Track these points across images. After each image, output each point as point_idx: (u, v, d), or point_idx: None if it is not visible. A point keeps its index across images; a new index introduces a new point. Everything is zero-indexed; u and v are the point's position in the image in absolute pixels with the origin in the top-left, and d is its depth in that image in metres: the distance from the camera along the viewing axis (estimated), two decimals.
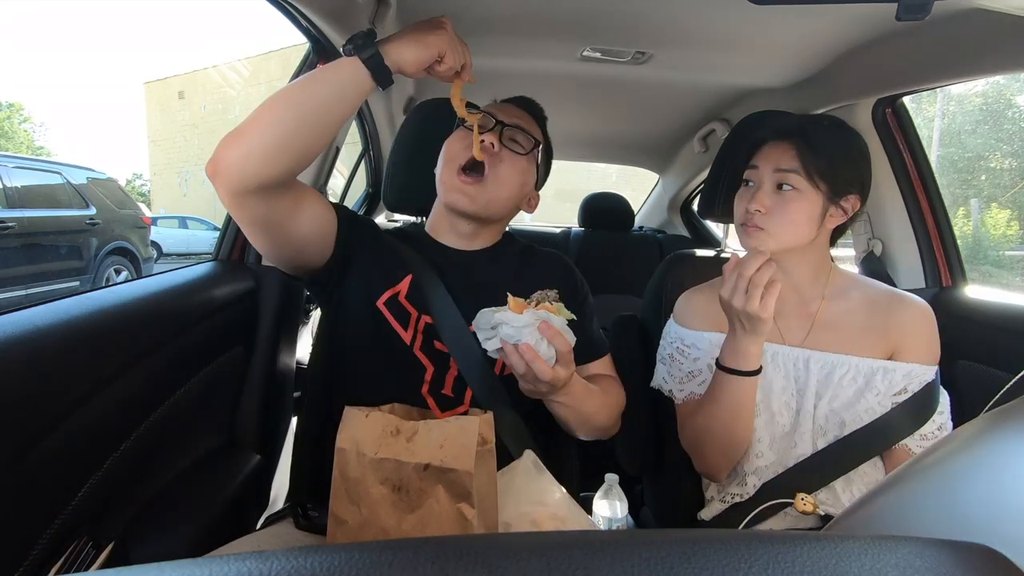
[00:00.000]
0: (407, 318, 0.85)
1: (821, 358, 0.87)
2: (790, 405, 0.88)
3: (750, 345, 0.79)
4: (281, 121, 0.70)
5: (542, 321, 0.70)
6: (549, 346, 0.70)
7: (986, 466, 0.32)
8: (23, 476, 0.60)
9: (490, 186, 0.87)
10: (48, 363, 0.63)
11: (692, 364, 0.94)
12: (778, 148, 0.85)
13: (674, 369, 0.97)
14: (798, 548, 0.25)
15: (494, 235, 0.97)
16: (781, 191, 0.83)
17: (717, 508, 0.93)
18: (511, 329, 0.69)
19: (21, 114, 22.19)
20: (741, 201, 0.88)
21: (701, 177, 2.26)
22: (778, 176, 0.84)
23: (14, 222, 4.39)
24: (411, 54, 0.71)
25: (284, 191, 0.75)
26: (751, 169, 0.87)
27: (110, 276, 5.36)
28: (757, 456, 0.88)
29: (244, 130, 0.70)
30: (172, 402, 0.85)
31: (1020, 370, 0.73)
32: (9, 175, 4.48)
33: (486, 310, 0.72)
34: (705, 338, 0.94)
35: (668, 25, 1.17)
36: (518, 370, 0.70)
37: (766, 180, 0.85)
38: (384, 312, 0.85)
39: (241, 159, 0.69)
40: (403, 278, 0.87)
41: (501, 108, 0.93)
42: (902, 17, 0.51)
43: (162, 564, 0.24)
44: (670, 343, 0.98)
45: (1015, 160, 12.56)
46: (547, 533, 0.40)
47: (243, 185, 0.71)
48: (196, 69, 20.58)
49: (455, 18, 0.80)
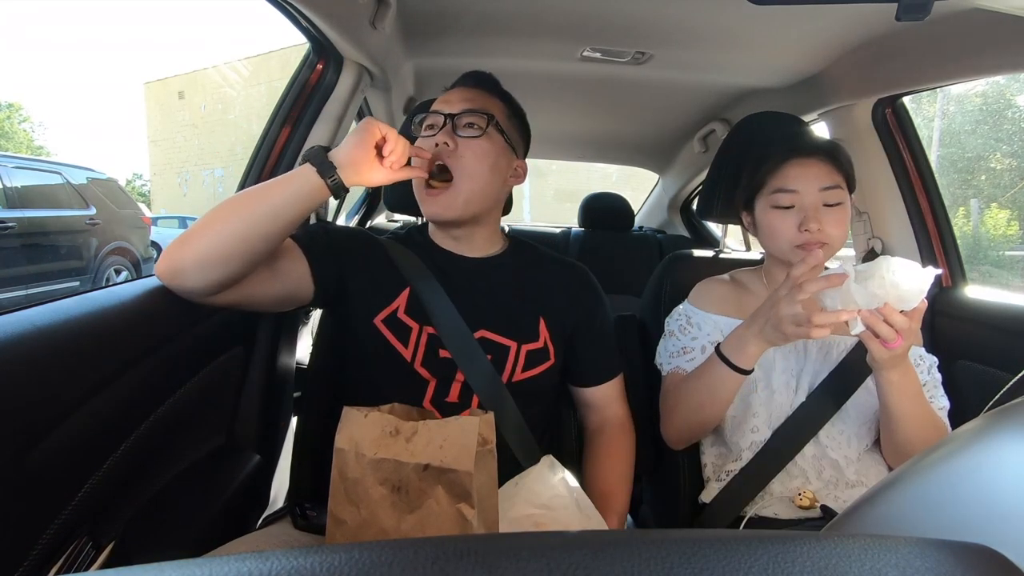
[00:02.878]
0: (407, 333, 0.83)
1: (821, 341, 0.91)
2: (789, 384, 0.91)
3: (756, 346, 0.81)
4: (227, 228, 0.70)
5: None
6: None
7: (986, 466, 0.32)
8: (23, 476, 0.60)
9: (462, 185, 0.84)
10: (48, 363, 0.63)
11: (688, 341, 0.96)
12: (811, 166, 0.88)
13: (669, 344, 0.99)
14: (798, 548, 0.25)
15: (492, 233, 0.94)
16: (831, 207, 0.87)
17: (715, 488, 0.95)
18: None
19: (20, 114, 22.20)
20: (787, 225, 0.88)
21: (701, 177, 2.26)
22: (824, 195, 0.87)
23: (14, 222, 4.39)
24: (360, 181, 0.75)
25: (249, 276, 0.75)
26: (789, 193, 0.88)
27: (110, 276, 5.36)
28: (753, 431, 0.90)
29: (189, 237, 0.71)
30: (172, 402, 0.85)
31: (1020, 370, 0.74)
32: (9, 175, 4.48)
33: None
34: (711, 319, 0.96)
35: (668, 25, 1.17)
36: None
37: (811, 199, 0.87)
38: (382, 330, 0.83)
39: (190, 266, 0.70)
40: (400, 292, 0.85)
41: (447, 97, 0.90)
42: (902, 17, 0.51)
43: (162, 564, 0.24)
44: (675, 320, 1.00)
45: (1015, 160, 12.56)
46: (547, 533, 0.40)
47: (201, 290, 0.72)
48: (196, 69, 20.57)
49: (455, 18, 0.80)
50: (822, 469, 0.89)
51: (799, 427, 0.88)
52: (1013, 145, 12.88)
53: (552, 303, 0.90)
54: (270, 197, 0.72)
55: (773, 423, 0.90)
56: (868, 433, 0.91)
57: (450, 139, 0.84)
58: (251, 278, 0.75)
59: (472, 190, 0.85)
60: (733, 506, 0.90)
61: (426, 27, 0.82)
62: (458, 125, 0.85)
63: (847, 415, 0.89)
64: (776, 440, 0.89)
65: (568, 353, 0.91)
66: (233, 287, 0.73)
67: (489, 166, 0.86)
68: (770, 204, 0.90)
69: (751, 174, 0.94)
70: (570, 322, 0.91)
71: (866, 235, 1.37)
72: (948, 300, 1.21)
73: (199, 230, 0.70)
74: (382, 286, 0.86)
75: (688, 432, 0.93)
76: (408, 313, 0.84)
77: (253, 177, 1.10)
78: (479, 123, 0.86)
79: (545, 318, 0.88)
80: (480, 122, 0.86)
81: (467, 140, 0.85)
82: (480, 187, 0.85)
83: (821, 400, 0.89)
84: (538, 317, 0.88)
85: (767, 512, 0.89)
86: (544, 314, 0.88)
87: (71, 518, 0.67)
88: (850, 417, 0.89)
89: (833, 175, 0.87)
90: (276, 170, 1.10)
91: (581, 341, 0.92)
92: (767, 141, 0.96)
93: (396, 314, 0.84)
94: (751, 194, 0.94)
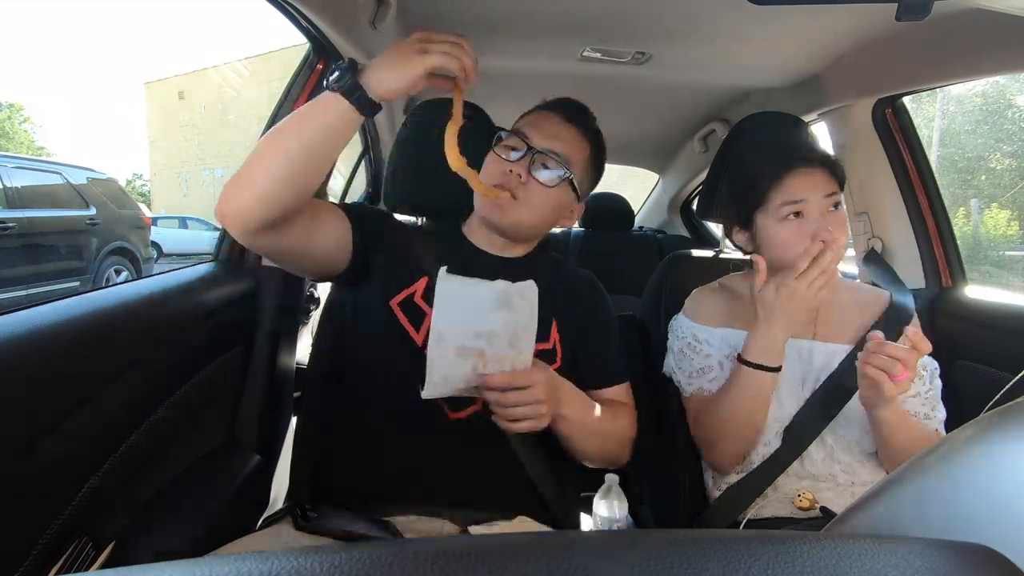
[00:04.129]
0: (421, 318, 0.85)
1: (823, 348, 0.93)
2: (796, 393, 0.92)
3: (783, 339, 0.85)
4: (277, 161, 0.70)
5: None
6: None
7: (986, 466, 0.32)
8: (23, 476, 0.60)
9: (521, 208, 0.85)
10: (48, 363, 0.63)
11: (704, 360, 0.96)
12: (812, 175, 0.89)
13: (684, 364, 0.99)
14: (798, 548, 0.25)
15: (528, 247, 0.95)
16: (834, 212, 0.89)
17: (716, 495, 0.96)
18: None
19: (21, 114, 22.20)
20: (799, 234, 0.88)
21: (701, 177, 2.26)
22: (827, 201, 0.89)
23: (14, 222, 4.39)
24: (392, 82, 0.69)
25: (294, 220, 0.75)
26: (800, 203, 0.88)
27: (110, 276, 5.35)
28: (765, 445, 0.91)
29: (244, 175, 0.71)
30: (172, 402, 0.85)
31: (1020, 370, 0.74)
32: (9, 175, 4.48)
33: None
34: (718, 334, 0.97)
35: (668, 25, 1.17)
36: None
37: (817, 206, 0.88)
38: (397, 312, 0.85)
39: (245, 204, 0.71)
40: (420, 278, 0.87)
41: (537, 121, 0.89)
42: (902, 17, 0.51)
43: (162, 564, 0.24)
44: (681, 338, 1.00)
45: (1015, 160, 12.54)
46: (547, 533, 0.40)
47: (250, 227, 0.72)
48: (196, 69, 20.60)
49: (455, 18, 0.80)
50: (835, 475, 0.89)
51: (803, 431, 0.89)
52: (1013, 145, 12.87)
53: (564, 308, 0.90)
54: (301, 123, 0.71)
55: (781, 432, 0.91)
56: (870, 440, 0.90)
57: (523, 172, 0.85)
58: (298, 227, 0.76)
59: (527, 219, 0.87)
60: (733, 507, 0.91)
61: (426, 27, 0.82)
62: (536, 161, 0.86)
63: (848, 421, 0.89)
64: (784, 446, 0.90)
65: (575, 356, 0.92)
66: (285, 226, 0.74)
67: (550, 209, 0.88)
68: (777, 217, 0.90)
69: (746, 194, 0.93)
70: (579, 328, 0.92)
71: (866, 235, 1.37)
72: (948, 300, 1.21)
73: (248, 167, 0.71)
74: (403, 269, 0.87)
75: (739, 450, 0.91)
76: (424, 299, 0.86)
77: None
78: (557, 171, 0.86)
79: (557, 321, 0.89)
80: (558, 170, 0.86)
81: (537, 184, 0.85)
82: (535, 222, 0.88)
83: (824, 400, 0.89)
84: (551, 319, 0.89)
85: (767, 512, 0.89)
86: (557, 317, 0.89)
87: (71, 518, 0.67)
88: (853, 424, 0.89)
89: (832, 183, 0.89)
90: None
91: (589, 344, 0.92)
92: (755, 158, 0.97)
93: (413, 298, 0.86)
94: (750, 212, 0.93)
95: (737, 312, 0.96)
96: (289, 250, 0.79)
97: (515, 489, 0.86)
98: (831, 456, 0.90)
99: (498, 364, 0.69)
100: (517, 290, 0.71)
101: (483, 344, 0.68)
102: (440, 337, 0.67)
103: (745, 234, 0.96)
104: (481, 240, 0.93)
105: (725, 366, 0.94)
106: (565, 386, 0.80)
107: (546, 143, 0.86)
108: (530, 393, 0.71)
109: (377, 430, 0.84)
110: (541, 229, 0.92)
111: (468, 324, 0.68)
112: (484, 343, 0.68)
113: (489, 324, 0.68)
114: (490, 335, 0.68)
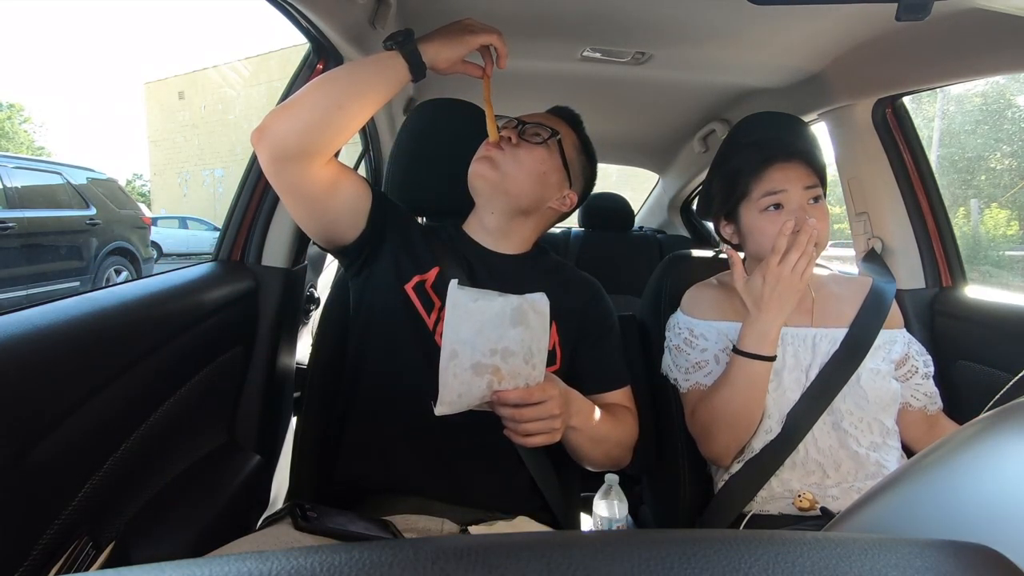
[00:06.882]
0: (431, 305, 0.86)
1: (826, 333, 0.94)
2: (799, 381, 0.92)
3: (776, 327, 0.86)
4: (328, 96, 0.77)
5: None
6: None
7: (986, 466, 0.32)
8: (23, 476, 0.60)
9: (508, 161, 0.88)
10: (48, 363, 0.63)
11: (699, 355, 0.97)
12: (791, 168, 0.92)
13: (680, 359, 0.99)
14: (798, 548, 0.25)
15: (525, 239, 0.95)
16: (814, 205, 0.92)
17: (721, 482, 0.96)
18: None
19: (21, 114, 22.19)
20: (778, 225, 0.88)
21: (701, 177, 2.26)
22: (807, 193, 0.91)
23: (14, 222, 4.39)
24: (449, 51, 0.79)
25: (321, 166, 0.79)
26: (780, 194, 0.91)
27: (110, 276, 5.35)
28: (767, 432, 0.91)
29: (294, 103, 0.77)
30: (172, 402, 0.85)
31: (1020, 370, 0.74)
32: (9, 175, 4.48)
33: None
34: (714, 327, 0.97)
35: (668, 25, 1.17)
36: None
37: (797, 199, 0.91)
38: (411, 295, 0.87)
39: (287, 128, 0.76)
40: (431, 268, 0.88)
41: (526, 116, 0.95)
42: (902, 17, 0.51)
43: (162, 564, 0.24)
44: (677, 334, 1.01)
45: (1015, 160, 12.55)
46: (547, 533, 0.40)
47: (285, 151, 0.76)
48: (196, 69, 20.60)
49: (455, 18, 0.81)
50: (840, 462, 0.89)
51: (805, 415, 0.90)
52: (1013, 145, 12.87)
53: (565, 310, 0.90)
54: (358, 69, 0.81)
55: (784, 419, 0.91)
56: (888, 418, 0.92)
57: (514, 135, 0.89)
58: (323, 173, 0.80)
59: (514, 173, 0.88)
60: (735, 502, 0.91)
61: (426, 27, 0.82)
62: (526, 131, 0.91)
63: (865, 401, 0.89)
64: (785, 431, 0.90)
65: (574, 358, 0.92)
66: (313, 166, 0.78)
67: (538, 169, 0.89)
68: (759, 208, 0.92)
69: (730, 186, 0.96)
70: (580, 331, 0.92)
71: (866, 235, 1.37)
72: (948, 300, 1.21)
73: (302, 96, 0.77)
74: (415, 257, 0.89)
75: (736, 441, 0.91)
76: (435, 288, 0.87)
77: (253, 177, 1.10)
78: (543, 134, 0.91)
79: (557, 323, 0.89)
80: (544, 133, 0.91)
81: (527, 144, 0.90)
82: (522, 176, 0.88)
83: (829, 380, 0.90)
84: (551, 321, 0.88)
85: (771, 509, 0.90)
86: (557, 319, 0.89)
87: (71, 518, 0.67)
88: (868, 403, 0.89)
89: (811, 176, 0.92)
90: None
91: (590, 348, 0.93)
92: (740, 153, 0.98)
93: (424, 285, 0.87)
94: (734, 204, 0.96)
95: (733, 306, 0.97)
96: (308, 193, 0.81)
97: (516, 489, 0.86)
98: (842, 443, 0.90)
99: (513, 380, 0.67)
100: (531, 304, 0.69)
101: (499, 361, 0.66)
102: (454, 354, 0.65)
103: (731, 226, 0.99)
104: (479, 234, 0.94)
105: (721, 360, 0.95)
106: (576, 398, 0.80)
107: (534, 119, 0.93)
108: (545, 408, 0.70)
109: (380, 428, 0.84)
110: (528, 194, 0.90)
111: (483, 341, 0.66)
112: (500, 360, 0.66)
113: (505, 341, 0.66)
114: (505, 352, 0.66)
